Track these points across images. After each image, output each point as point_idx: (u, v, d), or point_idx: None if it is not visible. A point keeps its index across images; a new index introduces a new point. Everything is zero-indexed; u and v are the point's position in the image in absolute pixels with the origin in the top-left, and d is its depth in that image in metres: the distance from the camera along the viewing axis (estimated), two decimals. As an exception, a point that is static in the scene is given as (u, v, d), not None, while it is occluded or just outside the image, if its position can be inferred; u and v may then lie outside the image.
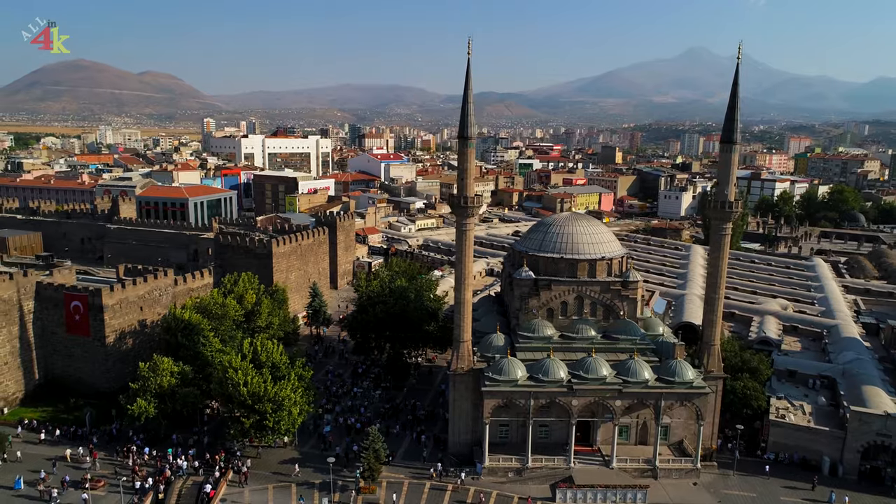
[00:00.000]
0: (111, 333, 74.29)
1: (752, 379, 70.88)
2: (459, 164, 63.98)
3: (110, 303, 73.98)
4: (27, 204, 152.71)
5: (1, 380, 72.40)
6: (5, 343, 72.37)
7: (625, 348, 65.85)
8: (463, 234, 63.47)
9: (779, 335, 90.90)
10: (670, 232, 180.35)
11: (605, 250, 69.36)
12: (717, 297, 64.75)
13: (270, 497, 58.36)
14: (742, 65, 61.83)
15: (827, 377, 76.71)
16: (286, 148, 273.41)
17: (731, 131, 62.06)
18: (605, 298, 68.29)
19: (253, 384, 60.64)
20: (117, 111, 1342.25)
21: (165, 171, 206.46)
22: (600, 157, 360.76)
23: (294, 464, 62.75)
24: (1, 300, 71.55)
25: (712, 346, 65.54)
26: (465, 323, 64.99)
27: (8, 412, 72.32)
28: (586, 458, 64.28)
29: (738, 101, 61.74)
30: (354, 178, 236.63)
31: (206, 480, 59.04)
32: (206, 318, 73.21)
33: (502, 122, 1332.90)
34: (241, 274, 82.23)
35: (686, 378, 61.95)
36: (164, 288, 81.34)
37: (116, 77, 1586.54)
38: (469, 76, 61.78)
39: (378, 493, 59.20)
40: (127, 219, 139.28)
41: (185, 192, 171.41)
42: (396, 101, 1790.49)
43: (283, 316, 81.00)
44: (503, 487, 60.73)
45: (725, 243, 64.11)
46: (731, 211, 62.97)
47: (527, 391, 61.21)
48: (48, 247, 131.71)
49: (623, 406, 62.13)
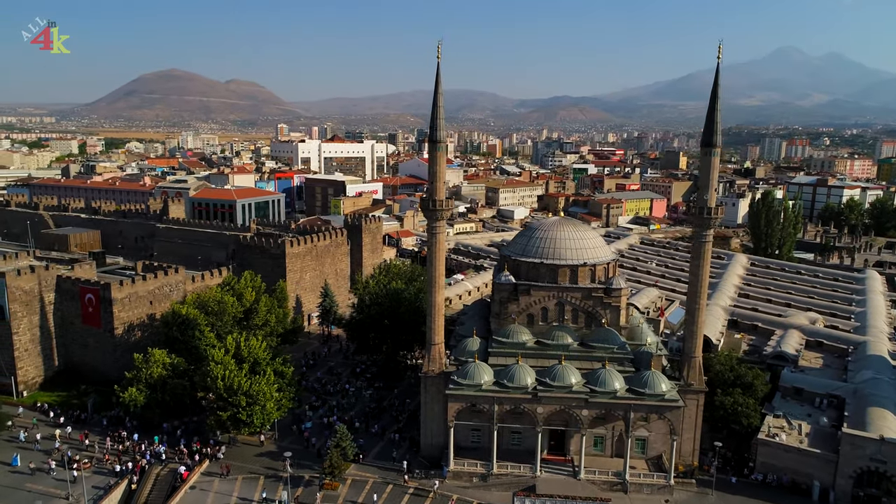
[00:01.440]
0: (120, 325, 79.11)
1: (744, 395, 67.33)
2: (430, 168, 64.42)
3: (119, 296, 78.82)
4: (90, 204, 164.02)
5: (21, 365, 78.55)
6: (26, 331, 78.50)
7: (600, 357, 64.15)
8: (433, 236, 63.75)
9: (797, 350, 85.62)
10: (718, 240, 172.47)
11: (589, 256, 67.80)
12: (698, 308, 61.99)
13: (238, 487, 60.60)
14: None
15: (836, 396, 71.74)
16: (341, 152, 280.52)
17: (711, 134, 59.45)
18: (586, 305, 66.80)
19: (227, 378, 63.17)
20: (205, 118, 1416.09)
21: (222, 175, 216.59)
22: (663, 161, 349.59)
23: (268, 457, 64.86)
24: (23, 291, 77.71)
25: (693, 359, 62.81)
26: (436, 325, 65.25)
27: (27, 395, 78.40)
28: (556, 467, 63.05)
29: (718, 102, 59.10)
30: (403, 181, 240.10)
31: (182, 466, 61.99)
32: (205, 313, 76.70)
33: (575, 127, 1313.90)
34: (244, 272, 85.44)
35: (658, 390, 59.72)
36: (174, 284, 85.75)
37: (205, 86, 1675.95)
38: (438, 80, 62.20)
39: (340, 490, 60.28)
40: (175, 219, 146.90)
41: (233, 194, 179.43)
42: (470, 107, 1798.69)
43: (282, 314, 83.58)
44: (465, 492, 60.45)
45: (705, 251, 61.36)
46: (710, 217, 60.25)
47: (491, 396, 60.75)
48: (106, 244, 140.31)
49: (590, 416, 60.57)
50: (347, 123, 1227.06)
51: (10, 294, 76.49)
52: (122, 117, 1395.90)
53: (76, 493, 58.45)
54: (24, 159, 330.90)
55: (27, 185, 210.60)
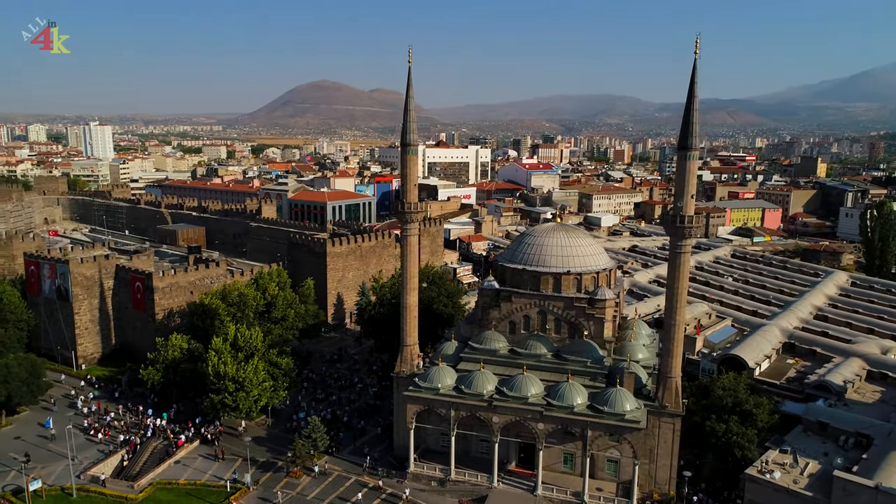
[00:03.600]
0: (160, 311, 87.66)
1: (743, 423, 60.87)
2: (401, 171, 65.14)
3: (160, 285, 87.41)
4: (201, 203, 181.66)
5: (81, 342, 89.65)
6: (86, 312, 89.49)
7: (573, 370, 61.29)
8: (405, 238, 64.45)
9: (847, 381, 75.49)
10: (826, 255, 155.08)
11: (576, 264, 65.11)
12: (674, 324, 57.06)
13: (215, 466, 65.19)
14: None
15: (866, 436, 62.61)
16: (445, 158, 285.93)
17: (687, 136, 54.81)
18: (568, 315, 64.15)
19: (217, 364, 68.05)
20: (349, 125, 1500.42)
21: (325, 178, 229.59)
22: (797, 168, 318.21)
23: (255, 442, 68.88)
24: (84, 277, 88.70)
25: (669, 379, 57.94)
26: (408, 327, 65.85)
27: (85, 368, 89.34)
28: (520, 481, 61.05)
29: (695, 101, 54.40)
30: (499, 186, 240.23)
31: (175, 441, 67.88)
32: (227, 304, 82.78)
33: (721, 131, 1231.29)
34: (271, 268, 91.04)
35: (619, 409, 55.96)
36: (215, 277, 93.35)
37: (351, 95, 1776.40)
38: (410, 85, 63.07)
39: (302, 480, 62.73)
40: (266, 218, 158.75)
41: (326, 196, 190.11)
42: (608, 111, 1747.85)
43: (303, 309, 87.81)
44: (420, 495, 60.43)
45: (682, 262, 56.41)
46: (685, 226, 55.43)
47: (447, 401, 60.24)
48: (210, 240, 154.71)
49: (546, 430, 58.04)
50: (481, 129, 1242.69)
51: (73, 279, 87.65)
52: (277, 125, 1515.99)
53: (81, 456, 66.08)
54: (176, 163, 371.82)
55: (160, 185, 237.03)
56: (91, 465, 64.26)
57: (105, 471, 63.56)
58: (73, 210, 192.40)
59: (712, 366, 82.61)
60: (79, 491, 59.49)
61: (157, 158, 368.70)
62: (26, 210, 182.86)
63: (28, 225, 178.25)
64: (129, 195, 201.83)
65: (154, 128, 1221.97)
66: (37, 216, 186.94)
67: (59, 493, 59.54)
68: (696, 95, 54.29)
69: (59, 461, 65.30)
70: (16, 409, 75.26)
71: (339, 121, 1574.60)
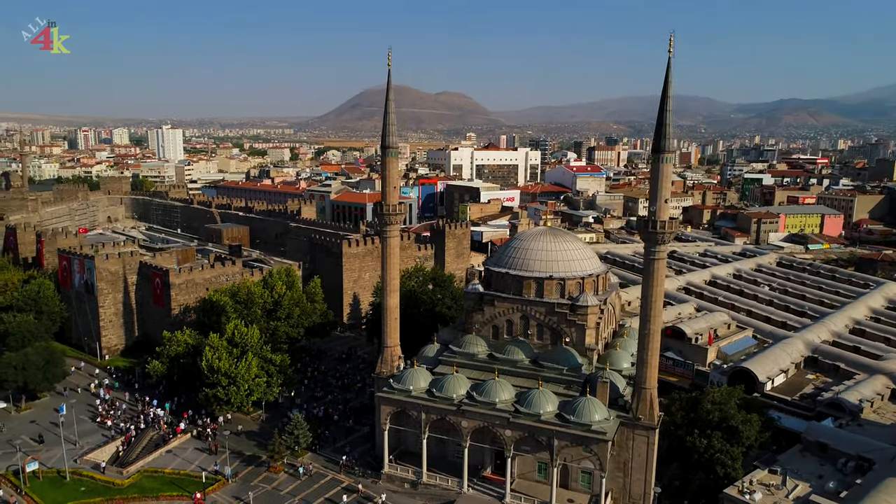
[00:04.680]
0: (176, 306, 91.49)
1: (728, 440, 57.90)
2: (381, 174, 65.52)
3: (177, 282, 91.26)
4: (248, 203, 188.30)
5: (105, 333, 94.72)
6: (111, 305, 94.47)
7: (547, 377, 60.07)
8: (385, 240, 64.81)
9: (865, 400, 70.41)
10: (884, 265, 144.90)
11: (560, 269, 63.79)
12: (649, 333, 54.81)
13: (202, 457, 67.44)
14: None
15: (868, 459, 58.31)
16: (493, 160, 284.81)
17: (661, 137, 52.69)
18: (550, 321, 62.91)
19: (210, 359, 70.46)
20: (415, 128, 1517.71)
21: (370, 180, 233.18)
22: (872, 171, 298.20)
23: (245, 436, 70.98)
24: (109, 272, 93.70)
25: (644, 390, 55.74)
26: (388, 328, 66.21)
27: (108, 358, 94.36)
28: (493, 488, 60.18)
29: (669, 102, 52.27)
30: (544, 189, 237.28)
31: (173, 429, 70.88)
32: (235, 302, 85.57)
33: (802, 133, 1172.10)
34: (277, 268, 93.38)
35: (586, 419, 54.33)
36: (231, 274, 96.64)
37: (417, 98, 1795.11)
38: (389, 88, 63.39)
39: (281, 475, 64.08)
40: (305, 218, 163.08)
41: (366, 198, 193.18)
42: (679, 112, 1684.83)
43: (310, 308, 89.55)
44: (392, 496, 60.54)
45: (656, 269, 54.12)
46: (658, 232, 53.20)
47: (419, 404, 60.11)
48: (254, 238, 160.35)
49: (514, 437, 56.98)
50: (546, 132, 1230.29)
51: (98, 274, 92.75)
52: (346, 128, 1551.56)
53: (83, 442, 69.88)
54: (239, 165, 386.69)
55: (215, 186, 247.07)
56: (90, 450, 67.84)
57: (102, 457, 67.03)
58: (134, 209, 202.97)
59: (722, 378, 78.87)
60: (72, 475, 62.96)
61: (222, 160, 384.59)
62: (91, 208, 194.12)
63: (91, 222, 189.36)
64: (185, 195, 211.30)
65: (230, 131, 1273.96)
66: (100, 214, 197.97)
67: (54, 475, 63.20)
68: (669, 96, 52.16)
69: (62, 445, 69.20)
70: (37, 395, 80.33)
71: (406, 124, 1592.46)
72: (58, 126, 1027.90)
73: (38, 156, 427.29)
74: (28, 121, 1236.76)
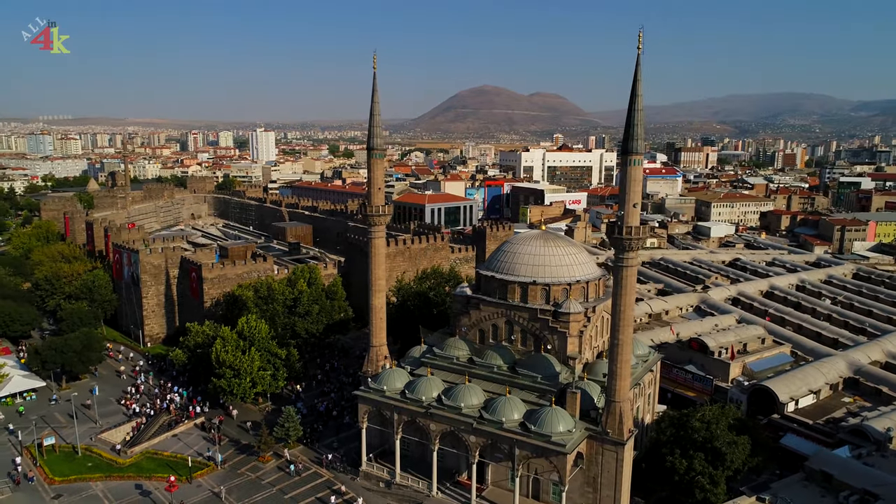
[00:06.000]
0: (209, 299, 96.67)
1: (712, 463, 54.04)
2: (368, 174, 66.21)
3: (210, 276, 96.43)
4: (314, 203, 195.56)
5: (149, 323, 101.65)
6: (153, 297, 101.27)
7: (522, 384, 58.61)
8: (370, 241, 65.46)
9: (892, 430, 63.39)
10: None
11: (546, 274, 62.11)
12: (618, 343, 52.08)
13: (200, 442, 71.00)
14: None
15: (874, 494, 52.60)
16: (566, 162, 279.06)
17: (630, 139, 50.01)
18: (533, 327, 61.39)
19: (219, 351, 74.02)
20: (507, 129, 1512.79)
21: (436, 181, 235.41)
22: None
23: (245, 426, 74.02)
24: (152, 266, 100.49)
25: (613, 404, 53.01)
26: (375, 328, 66.89)
27: (150, 346, 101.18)
28: (462, 492, 59.34)
29: (638, 100, 49.46)
30: (613, 192, 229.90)
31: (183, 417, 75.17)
32: (258, 297, 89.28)
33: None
34: (302, 266, 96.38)
35: (548, 430, 52.47)
36: (262, 270, 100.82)
37: (510, 99, 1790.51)
38: (375, 89, 63.82)
39: (268, 465, 66.30)
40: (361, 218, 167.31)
41: (425, 198, 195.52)
42: (792, 111, 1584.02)
43: (329, 305, 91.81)
44: (366, 494, 61.11)
45: (625, 277, 51.33)
46: (625, 238, 50.46)
47: (391, 404, 60.28)
48: (315, 237, 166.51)
49: (478, 443, 55.91)
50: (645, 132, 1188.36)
51: (142, 267, 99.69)
52: (439, 130, 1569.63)
53: (103, 421, 75.49)
54: (324, 166, 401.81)
55: (290, 186, 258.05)
56: (106, 430, 73.13)
57: (116, 437, 72.08)
58: (216, 206, 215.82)
59: (741, 396, 73.73)
60: (84, 451, 68.17)
61: (307, 161, 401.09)
62: (176, 206, 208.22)
63: (175, 219, 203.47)
64: (260, 195, 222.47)
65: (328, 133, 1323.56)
66: (185, 211, 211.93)
67: (69, 450, 68.69)
68: (639, 94, 49.40)
69: (87, 423, 75.19)
70: (78, 376, 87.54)
71: (499, 125, 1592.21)
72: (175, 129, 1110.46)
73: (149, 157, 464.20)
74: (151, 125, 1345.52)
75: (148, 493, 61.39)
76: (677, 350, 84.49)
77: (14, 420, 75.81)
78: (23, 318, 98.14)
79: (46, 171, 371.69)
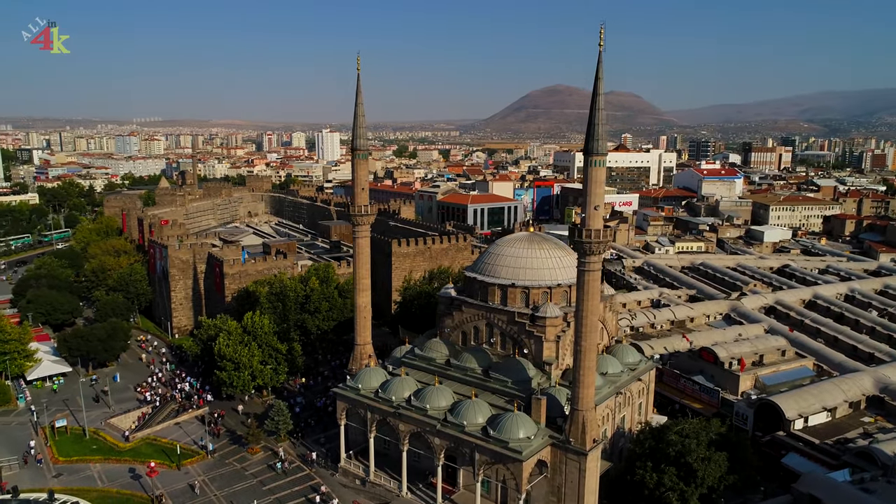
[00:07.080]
0: (229, 294, 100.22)
1: (683, 479, 51.42)
2: (353, 174, 66.95)
3: (230, 272, 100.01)
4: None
5: (177, 315, 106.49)
6: (181, 290, 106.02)
7: (494, 388, 57.79)
8: (356, 240, 66.12)
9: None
10: None
11: (525, 277, 61.08)
12: (581, 350, 50.30)
13: (195, 431, 73.78)
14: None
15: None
16: (622, 162, 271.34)
17: (590, 139, 48.29)
18: (511, 330, 60.48)
19: (221, 345, 76.74)
20: (580, 129, 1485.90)
21: (485, 182, 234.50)
22: None
23: (243, 417, 76.45)
24: (180, 260, 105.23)
25: (576, 412, 51.29)
26: (359, 327, 67.51)
27: (178, 337, 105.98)
28: (432, 494, 59.04)
29: (599, 99, 47.78)
30: (668, 193, 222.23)
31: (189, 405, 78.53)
32: (270, 293, 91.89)
33: None
34: (315, 264, 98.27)
35: (507, 435, 51.49)
36: (283, 267, 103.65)
37: (583, 98, 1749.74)
38: (359, 90, 64.28)
39: (255, 457, 68.16)
40: (403, 218, 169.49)
41: (468, 199, 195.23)
42: (891, 108, 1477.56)
43: (340, 303, 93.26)
44: (341, 490, 61.86)
45: (588, 281, 49.49)
46: (586, 241, 48.65)
47: (364, 403, 60.68)
48: None
49: (442, 446, 55.45)
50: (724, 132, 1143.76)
51: (171, 262, 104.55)
52: (509, 130, 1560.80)
53: (116, 407, 79.79)
54: (386, 165, 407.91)
55: (343, 186, 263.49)
56: (116, 415, 77.23)
57: (125, 422, 75.98)
58: (272, 205, 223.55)
59: (748, 411, 69.67)
60: (91, 434, 72.27)
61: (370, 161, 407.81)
62: (233, 204, 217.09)
63: (232, 216, 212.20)
64: (312, 194, 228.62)
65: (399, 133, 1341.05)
66: (241, 209, 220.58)
67: (79, 432, 72.98)
68: (600, 93, 47.77)
69: (101, 408, 79.72)
70: (105, 363, 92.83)
71: (571, 125, 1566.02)
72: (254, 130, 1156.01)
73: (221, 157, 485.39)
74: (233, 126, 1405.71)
75: (139, 477, 64.38)
76: (688, 359, 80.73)
77: (40, 400, 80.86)
78: (64, 307, 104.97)
79: (127, 171, 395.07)
